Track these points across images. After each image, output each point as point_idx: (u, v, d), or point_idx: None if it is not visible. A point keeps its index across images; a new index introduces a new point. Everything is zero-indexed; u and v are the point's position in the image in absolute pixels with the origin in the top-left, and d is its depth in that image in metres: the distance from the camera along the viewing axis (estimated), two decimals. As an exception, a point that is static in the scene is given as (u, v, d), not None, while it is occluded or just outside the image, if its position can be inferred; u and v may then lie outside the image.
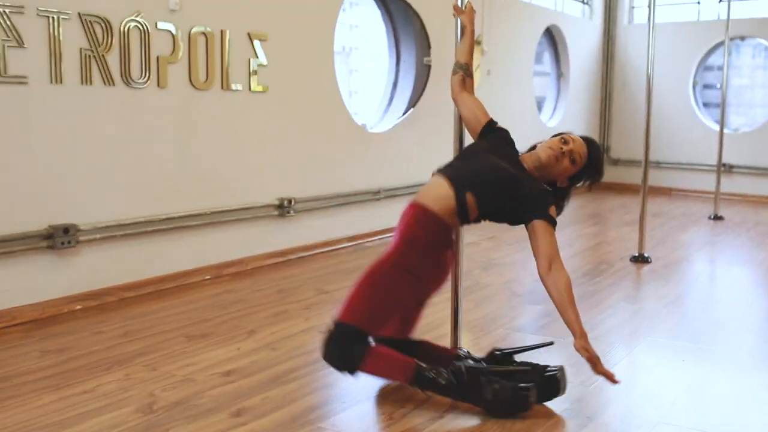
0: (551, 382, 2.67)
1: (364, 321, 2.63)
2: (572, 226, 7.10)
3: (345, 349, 2.61)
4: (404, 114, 6.15)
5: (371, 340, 2.67)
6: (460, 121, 3.18)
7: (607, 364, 3.14)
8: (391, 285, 2.66)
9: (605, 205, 8.14)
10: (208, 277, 4.52)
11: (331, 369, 3.03)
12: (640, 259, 5.20)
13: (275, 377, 2.95)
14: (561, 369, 2.71)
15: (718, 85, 8.03)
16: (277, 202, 4.98)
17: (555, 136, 3.02)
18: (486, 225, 3.02)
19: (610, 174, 9.53)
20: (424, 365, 2.63)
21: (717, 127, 7.85)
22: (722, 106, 7.49)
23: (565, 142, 2.92)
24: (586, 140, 3.01)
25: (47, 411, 2.61)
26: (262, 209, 4.89)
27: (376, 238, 5.79)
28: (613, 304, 4.11)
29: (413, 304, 2.87)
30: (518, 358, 2.87)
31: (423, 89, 6.21)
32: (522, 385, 2.60)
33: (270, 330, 3.56)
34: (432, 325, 3.67)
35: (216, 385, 2.86)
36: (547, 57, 8.90)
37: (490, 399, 2.57)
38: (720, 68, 7.62)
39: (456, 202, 2.72)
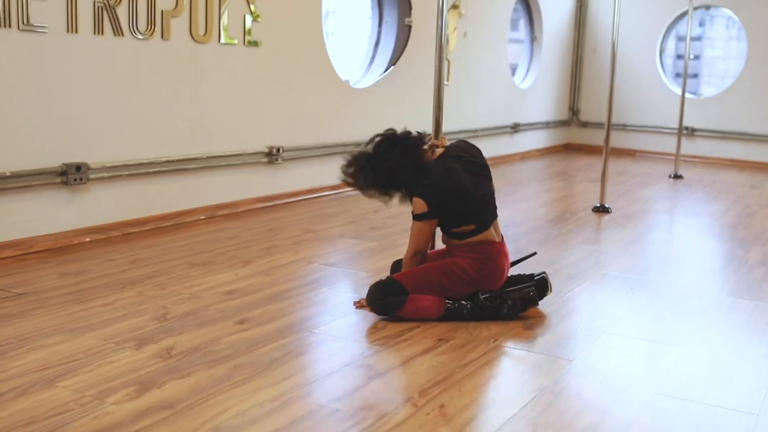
0: (542, 283, 3.29)
1: (414, 288, 3.09)
2: (541, 181, 7.54)
3: (389, 298, 3.06)
4: (385, 71, 6.51)
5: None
6: (439, 78, 3.55)
7: (565, 293, 3.60)
8: (452, 283, 3.14)
9: (573, 165, 8.59)
10: (202, 217, 4.89)
11: (322, 289, 3.46)
12: (601, 209, 5.64)
13: (272, 296, 3.35)
14: (545, 273, 3.34)
15: (692, 56, 8.45)
16: (266, 150, 5.35)
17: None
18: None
19: (579, 136, 9.99)
20: (449, 302, 3.11)
21: (679, 92, 8.28)
22: (684, 71, 7.92)
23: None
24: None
25: (74, 318, 2.99)
26: (252, 156, 5.26)
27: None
28: (573, 246, 4.55)
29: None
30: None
31: (403, 48, 6.57)
32: (527, 290, 3.16)
33: (264, 260, 3.95)
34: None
35: (220, 301, 3.25)
36: (523, 24, 9.27)
37: (506, 312, 3.12)
38: (694, 39, 8.03)
39: None
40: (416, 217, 3.15)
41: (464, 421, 2.22)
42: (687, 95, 8.19)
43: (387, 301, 3.06)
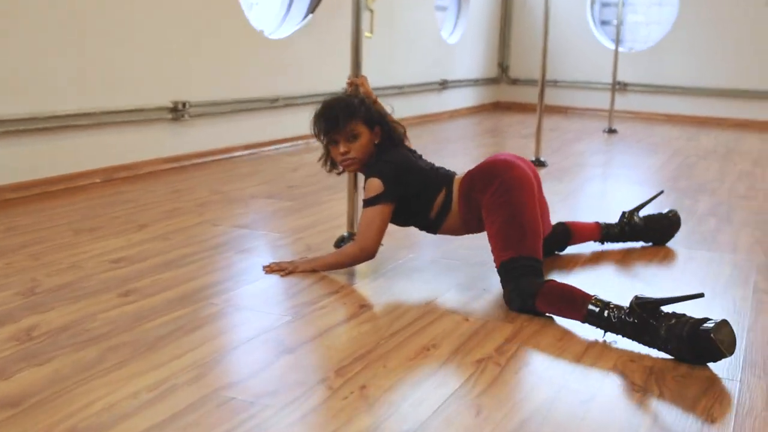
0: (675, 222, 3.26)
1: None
2: (471, 138, 7.16)
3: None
4: (302, 21, 5.99)
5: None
6: (358, 31, 3.09)
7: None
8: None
9: (504, 122, 8.23)
10: (98, 180, 4.34)
11: (227, 254, 2.99)
12: (537, 163, 5.28)
13: (167, 262, 2.86)
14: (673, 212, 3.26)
15: (614, 21, 8.16)
16: (170, 105, 4.80)
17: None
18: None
19: (509, 93, 9.63)
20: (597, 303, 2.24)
21: (613, 47, 7.99)
22: (618, 27, 7.65)
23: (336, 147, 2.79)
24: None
25: None
26: (154, 112, 4.70)
27: (273, 147, 5.68)
28: (509, 199, 4.16)
29: None
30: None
31: (322, -4, 6.06)
32: (702, 322, 2.05)
33: (163, 224, 3.44)
34: (331, 216, 3.64)
35: (104, 271, 2.75)
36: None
37: (665, 336, 2.08)
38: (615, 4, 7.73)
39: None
40: (369, 201, 2.66)
41: (390, 404, 1.79)
42: (619, 49, 7.89)
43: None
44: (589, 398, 1.86)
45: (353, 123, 2.72)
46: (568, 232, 3.15)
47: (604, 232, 3.24)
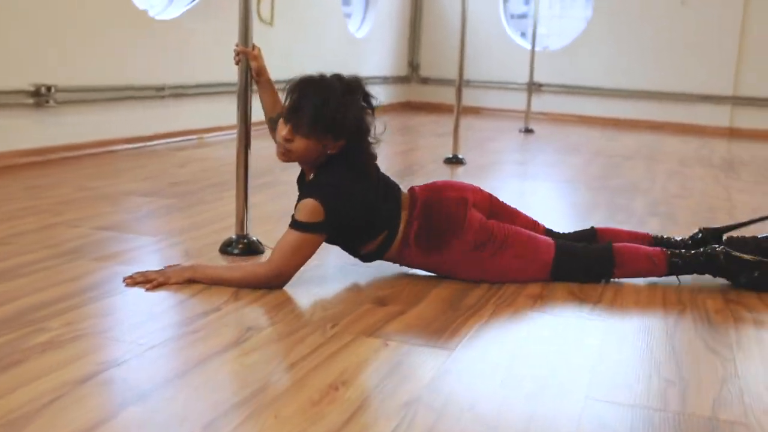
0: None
1: None
2: (382, 136, 6.65)
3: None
4: (193, 1, 5.35)
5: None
6: (247, 13, 2.55)
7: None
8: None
9: (416, 121, 7.76)
10: (-62, 175, 3.61)
11: (79, 262, 2.36)
12: (455, 160, 4.82)
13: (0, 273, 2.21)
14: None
15: (520, 33, 7.85)
16: (32, 89, 4.09)
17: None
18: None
19: (420, 93, 9.18)
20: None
21: (527, 46, 7.64)
22: (534, 25, 7.33)
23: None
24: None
25: None
26: (11, 96, 3.99)
27: (160, 141, 5.01)
28: (428, 198, 3.66)
29: None
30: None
31: (216, -25, 5.43)
32: None
33: (4, 225, 2.77)
34: (218, 216, 3.05)
35: None
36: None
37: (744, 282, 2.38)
38: (520, 16, 7.41)
39: None
40: (301, 225, 2.14)
41: (282, 478, 1.22)
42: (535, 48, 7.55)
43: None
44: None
45: (317, 125, 2.13)
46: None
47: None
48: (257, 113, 2.60)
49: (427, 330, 1.92)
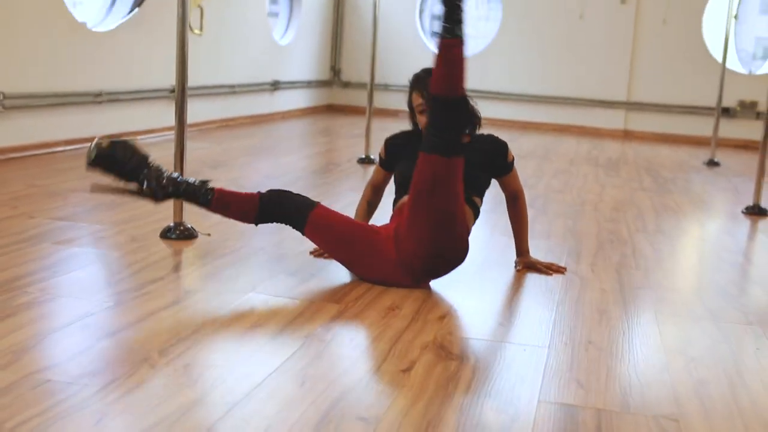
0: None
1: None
2: (303, 137, 7.21)
3: None
4: (129, 14, 5.82)
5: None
6: (184, 25, 3.06)
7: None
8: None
9: (336, 123, 8.33)
10: None
11: (44, 245, 2.86)
12: (367, 160, 5.38)
13: (-23, 254, 2.70)
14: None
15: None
16: (-18, 96, 4.53)
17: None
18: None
19: (341, 96, 9.75)
20: None
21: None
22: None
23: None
24: None
25: None
26: (-36, 102, 4.42)
27: (99, 142, 5.45)
28: (339, 192, 4.23)
29: None
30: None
31: (149, -11, 5.91)
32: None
33: (-27, 216, 3.24)
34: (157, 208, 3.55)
35: None
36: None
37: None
38: None
39: None
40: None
41: (215, 379, 1.78)
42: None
43: None
44: (408, 367, 1.93)
45: None
46: None
47: None
48: (192, 116, 3.10)
49: (329, 291, 2.50)
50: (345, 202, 3.95)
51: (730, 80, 7.30)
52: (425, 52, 9.35)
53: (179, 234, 3.07)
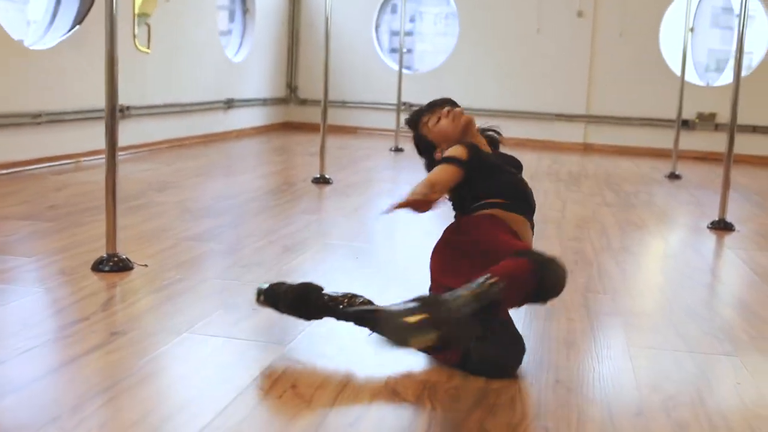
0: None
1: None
2: (257, 156, 6.99)
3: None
4: (69, 31, 5.55)
5: None
6: (113, 43, 2.80)
7: (283, 264, 3.04)
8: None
9: (292, 141, 8.11)
10: None
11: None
12: (322, 180, 5.18)
13: None
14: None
15: (405, 50, 8.35)
16: None
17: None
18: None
19: (298, 114, 9.53)
20: None
21: (397, 68, 8.11)
22: (400, 47, 7.83)
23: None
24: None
25: None
26: None
27: (38, 165, 5.18)
28: (292, 215, 4.01)
29: None
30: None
31: (91, 4, 5.65)
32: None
33: None
34: (92, 237, 3.31)
35: None
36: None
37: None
38: (406, 34, 7.93)
39: None
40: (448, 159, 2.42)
41: (134, 442, 1.56)
42: (404, 71, 8.06)
43: None
44: (356, 420, 1.72)
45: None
46: None
47: None
48: (130, 137, 2.87)
49: (270, 328, 2.28)
50: (298, 225, 3.74)
51: (688, 92, 7.22)
52: (383, 67, 9.20)
53: (113, 266, 2.83)
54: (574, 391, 1.93)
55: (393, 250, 3.59)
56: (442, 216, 2.65)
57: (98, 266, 2.82)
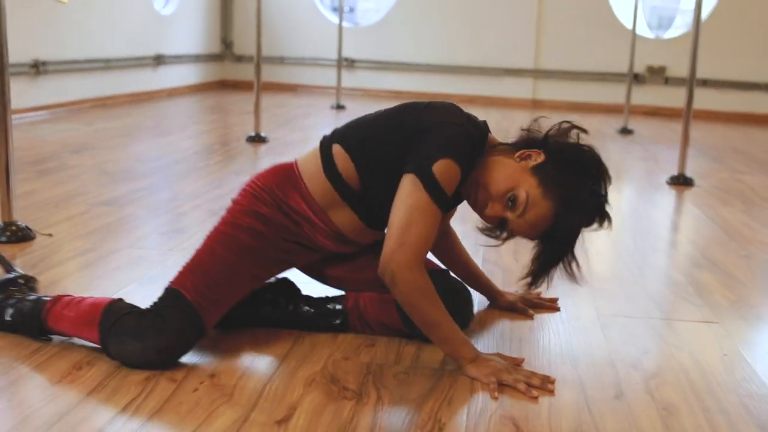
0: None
1: None
2: (189, 115, 6.58)
3: None
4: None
5: None
6: None
7: (208, 231, 2.70)
8: None
9: (228, 100, 7.68)
10: None
11: None
12: (257, 139, 4.82)
13: None
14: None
15: (347, 9, 7.93)
16: None
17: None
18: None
19: (235, 71, 9.08)
20: None
21: (338, 22, 7.72)
22: (340, 1, 7.44)
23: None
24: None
25: None
26: None
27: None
28: (222, 177, 3.66)
29: None
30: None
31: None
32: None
33: None
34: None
35: None
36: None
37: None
38: None
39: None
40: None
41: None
42: (345, 24, 7.67)
43: None
44: (285, 418, 1.42)
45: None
46: None
47: None
48: (46, 96, 2.50)
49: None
50: (228, 188, 3.39)
51: (638, 46, 7.00)
52: (323, 21, 8.78)
53: (10, 236, 2.46)
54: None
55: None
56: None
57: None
